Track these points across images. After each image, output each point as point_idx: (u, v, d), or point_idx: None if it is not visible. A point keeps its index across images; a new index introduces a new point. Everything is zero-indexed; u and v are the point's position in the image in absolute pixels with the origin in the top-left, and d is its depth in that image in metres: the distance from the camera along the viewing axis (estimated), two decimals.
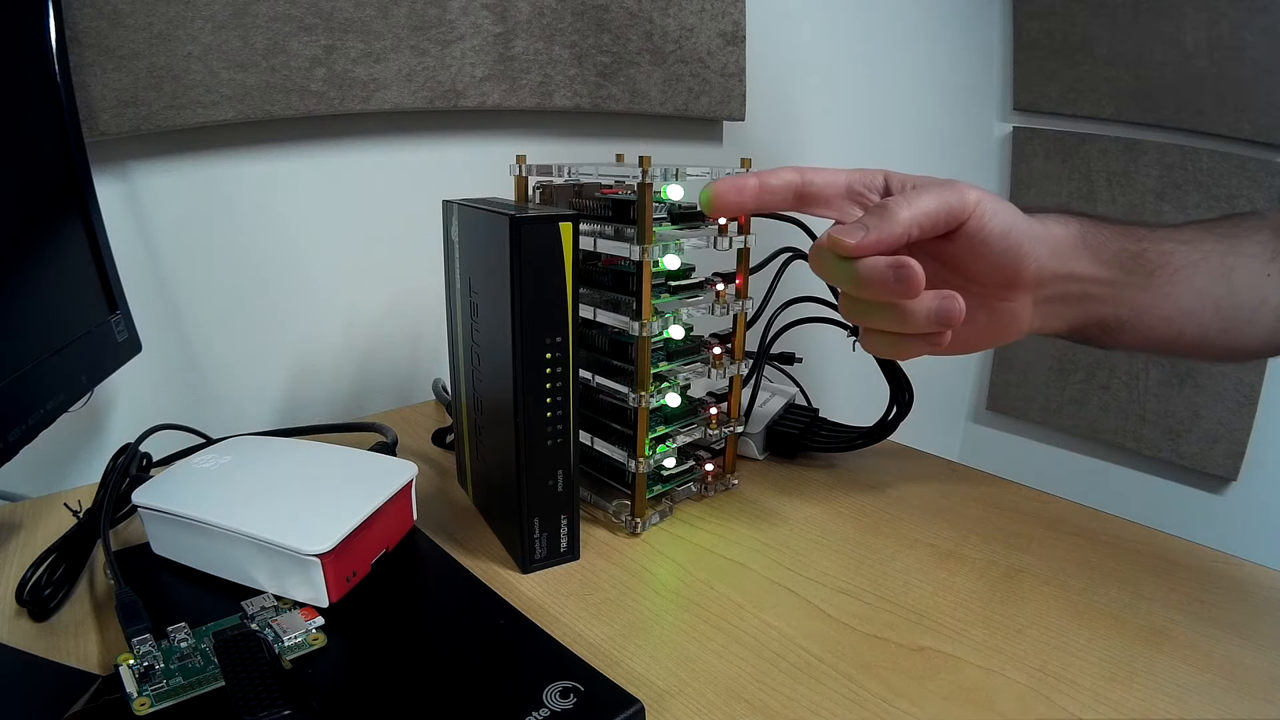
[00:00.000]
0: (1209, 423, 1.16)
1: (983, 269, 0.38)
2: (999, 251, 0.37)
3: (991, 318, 0.40)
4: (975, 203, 0.36)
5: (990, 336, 0.40)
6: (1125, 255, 0.40)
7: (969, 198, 0.36)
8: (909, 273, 0.33)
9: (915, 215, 0.35)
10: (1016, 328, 0.40)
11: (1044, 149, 1.28)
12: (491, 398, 0.42)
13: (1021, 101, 1.29)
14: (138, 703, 0.28)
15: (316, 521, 0.35)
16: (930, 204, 0.36)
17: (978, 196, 0.36)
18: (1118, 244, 0.40)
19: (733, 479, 0.51)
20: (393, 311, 0.72)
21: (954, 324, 0.34)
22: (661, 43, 0.81)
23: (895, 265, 0.34)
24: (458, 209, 0.44)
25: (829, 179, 0.39)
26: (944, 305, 0.34)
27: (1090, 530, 0.45)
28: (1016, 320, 0.40)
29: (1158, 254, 0.40)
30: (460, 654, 0.32)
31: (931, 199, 0.36)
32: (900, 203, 0.35)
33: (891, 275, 0.34)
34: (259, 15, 0.58)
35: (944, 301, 0.34)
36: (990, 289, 0.39)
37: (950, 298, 0.34)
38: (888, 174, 0.40)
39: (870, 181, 0.39)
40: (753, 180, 0.38)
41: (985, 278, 0.38)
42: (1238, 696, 0.31)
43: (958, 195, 0.36)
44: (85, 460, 0.58)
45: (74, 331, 0.44)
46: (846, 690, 0.32)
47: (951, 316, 0.34)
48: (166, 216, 0.60)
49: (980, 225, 0.36)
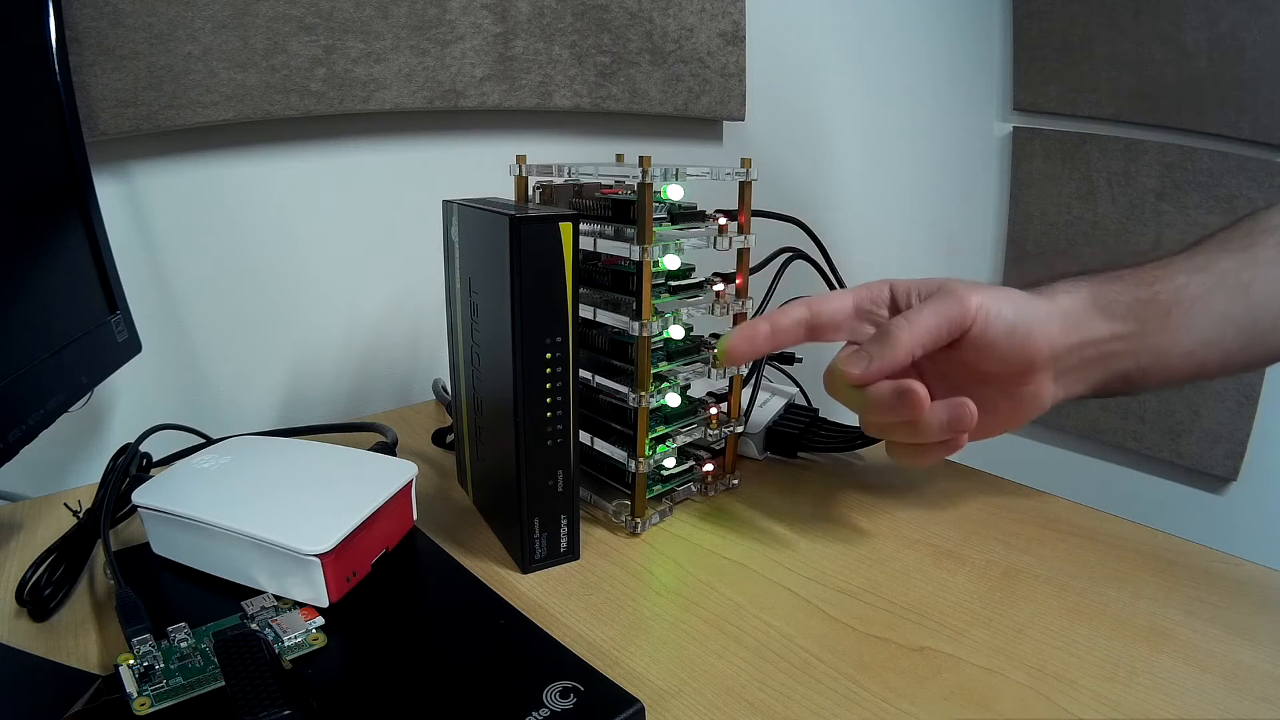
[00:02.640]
0: (1209, 423, 1.16)
1: (995, 364, 0.38)
2: (1007, 348, 0.38)
3: (1012, 404, 0.40)
4: (976, 309, 0.37)
5: (1014, 419, 0.41)
6: (1138, 305, 0.40)
7: (969, 306, 0.37)
8: (913, 397, 0.35)
9: (916, 337, 0.37)
10: (1039, 405, 0.40)
11: (1044, 149, 1.28)
12: (491, 398, 0.42)
13: (1021, 101, 1.29)
14: (138, 703, 0.28)
15: (316, 521, 0.35)
16: (929, 321, 0.37)
17: (978, 302, 0.37)
18: (1130, 295, 0.40)
19: (733, 479, 0.51)
20: (393, 311, 0.72)
21: (966, 428, 0.36)
22: (661, 43, 0.81)
23: (898, 390, 0.36)
24: (458, 209, 0.44)
25: (836, 306, 0.41)
26: (955, 414, 0.36)
27: (1090, 530, 0.45)
28: (1038, 399, 0.40)
29: (1171, 292, 0.40)
30: (460, 654, 0.32)
31: (931, 315, 0.37)
32: (901, 326, 0.37)
33: (896, 400, 0.36)
34: (259, 15, 0.58)
35: (954, 410, 0.36)
36: (1007, 379, 0.39)
37: (960, 405, 0.36)
38: (893, 285, 0.41)
39: (877, 296, 0.41)
40: (764, 326, 0.40)
41: (999, 370, 0.39)
42: (1238, 696, 0.31)
43: (958, 306, 0.37)
44: (85, 460, 0.58)
45: (74, 331, 0.44)
46: (846, 690, 0.32)
47: (963, 423, 0.36)
48: (166, 216, 0.60)
49: (984, 330, 0.37)
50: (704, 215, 0.44)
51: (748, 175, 0.45)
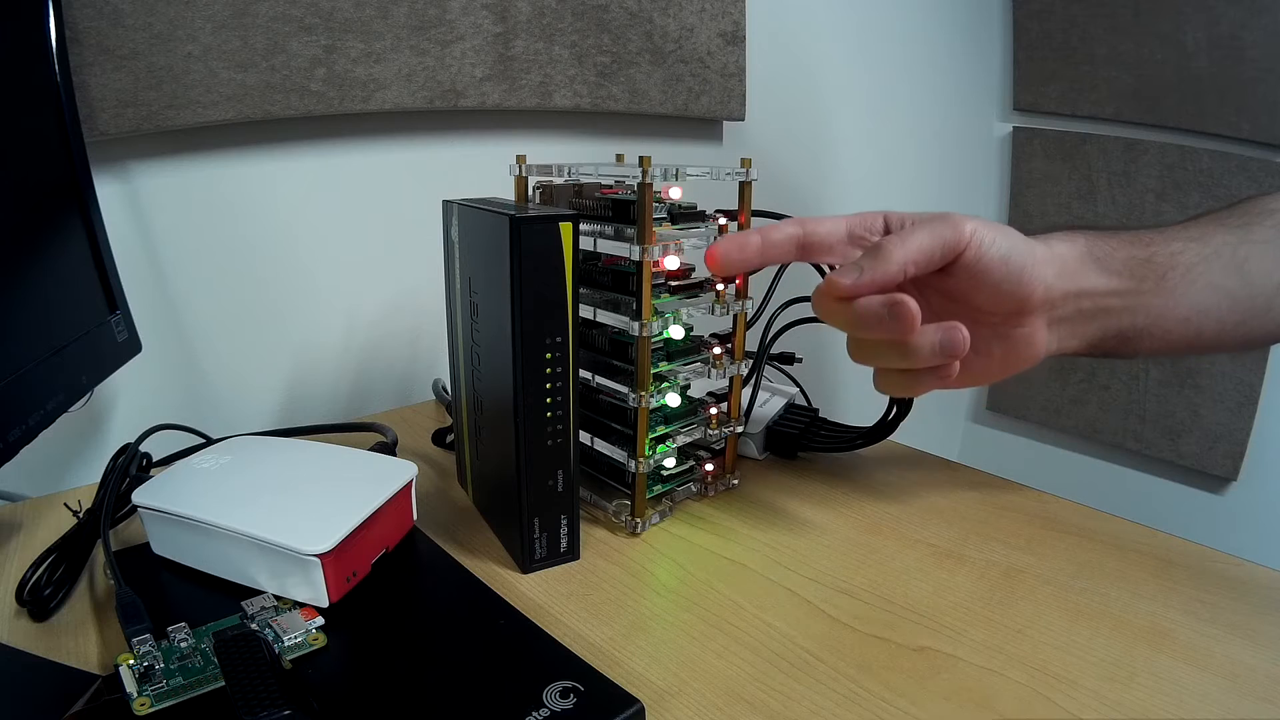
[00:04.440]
0: (1209, 423, 1.16)
1: (988, 298, 0.38)
2: (1001, 278, 0.37)
3: (1007, 346, 0.40)
4: (970, 233, 0.36)
5: (1007, 365, 0.40)
6: (1135, 262, 0.40)
7: (964, 229, 0.36)
8: (903, 309, 0.34)
9: (909, 253, 0.36)
10: (1033, 353, 0.40)
11: (1044, 149, 1.28)
12: (491, 398, 0.42)
13: (1021, 101, 1.29)
14: (138, 703, 0.28)
15: (316, 521, 0.35)
16: (924, 240, 0.36)
17: (973, 227, 0.36)
18: (1125, 252, 0.40)
19: (733, 479, 0.51)
20: (393, 311, 0.72)
21: (958, 354, 0.35)
22: (661, 43, 0.81)
23: (889, 303, 0.34)
24: (458, 209, 0.44)
25: (829, 228, 0.40)
26: (947, 336, 0.35)
27: (1090, 530, 0.45)
28: (1033, 345, 0.39)
29: (1167, 255, 0.40)
30: (460, 654, 0.32)
31: (925, 235, 0.36)
32: (894, 242, 0.36)
33: (886, 312, 0.34)
34: (259, 15, 0.58)
35: (947, 333, 0.35)
36: (1001, 317, 0.39)
37: (953, 328, 0.35)
38: (887, 215, 0.40)
39: (870, 224, 0.40)
40: (755, 237, 0.39)
41: (993, 306, 0.38)
42: (1238, 697, 0.31)
43: (952, 228, 0.36)
44: (85, 460, 0.58)
45: (74, 331, 0.44)
46: (846, 690, 0.32)
47: (955, 346, 0.35)
48: (166, 216, 0.60)
49: (978, 255, 0.37)
50: (704, 215, 0.44)
51: (748, 175, 0.45)
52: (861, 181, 1.12)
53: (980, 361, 0.39)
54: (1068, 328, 0.40)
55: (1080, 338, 0.40)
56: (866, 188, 1.13)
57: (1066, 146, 1.25)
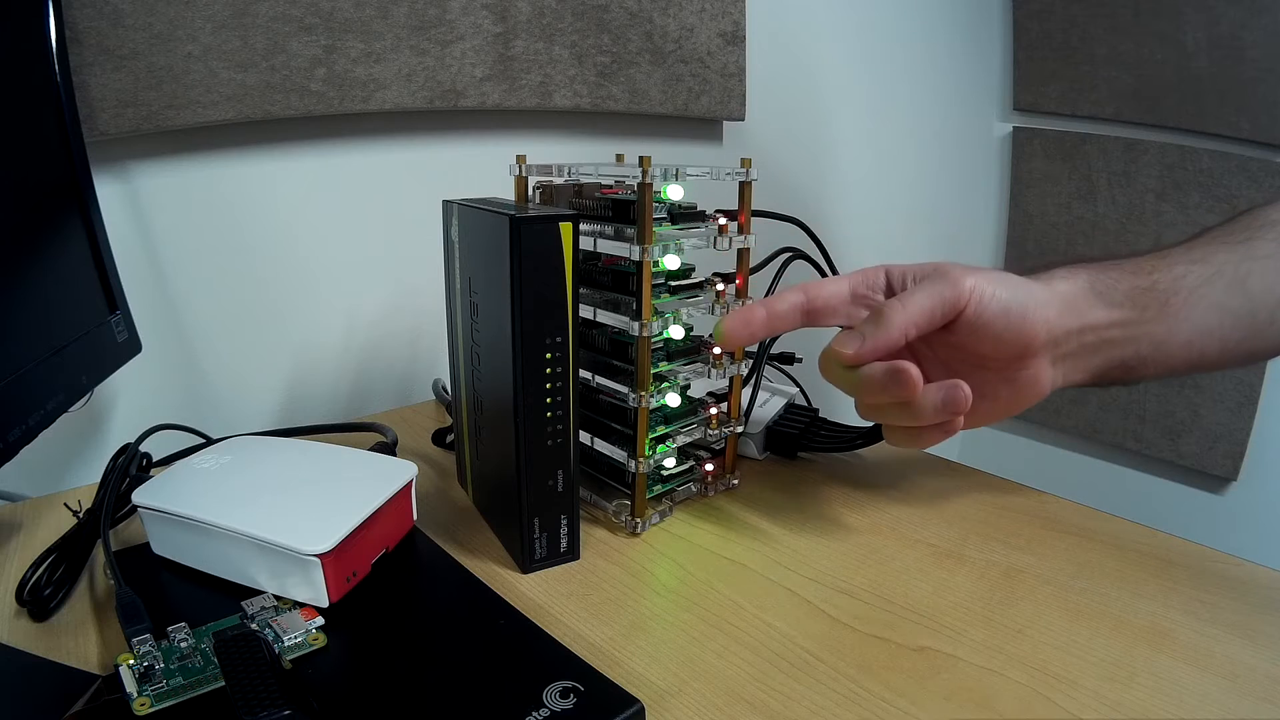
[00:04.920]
0: (1209, 423, 1.16)
1: (991, 347, 0.38)
2: (1003, 329, 0.37)
3: (1012, 389, 0.40)
4: (970, 290, 0.37)
5: (1013, 405, 0.41)
6: (1137, 292, 0.40)
7: (963, 287, 0.37)
8: (905, 376, 0.35)
9: (910, 317, 0.36)
10: (1038, 391, 0.40)
11: (1044, 149, 1.28)
12: (491, 398, 0.42)
13: (1021, 101, 1.29)
14: (138, 703, 0.28)
15: (316, 521, 0.35)
16: (924, 302, 0.37)
17: (972, 283, 0.37)
18: (1128, 283, 0.40)
19: (733, 479, 0.51)
20: (393, 311, 0.72)
21: (961, 410, 0.36)
22: (661, 43, 0.81)
23: (891, 371, 0.35)
24: (458, 209, 0.44)
25: (832, 291, 0.41)
26: (949, 395, 0.36)
27: (1090, 530, 0.45)
28: (1038, 384, 0.40)
29: (1169, 280, 0.40)
30: (460, 654, 0.32)
31: (925, 296, 0.37)
32: (895, 307, 0.37)
33: (888, 379, 0.36)
34: (259, 15, 0.58)
35: (949, 391, 0.36)
36: (1005, 363, 0.39)
37: (954, 387, 0.35)
38: (888, 270, 0.41)
39: (872, 282, 0.41)
40: (760, 311, 0.40)
41: (997, 354, 0.39)
42: (1238, 697, 0.31)
43: (952, 287, 0.37)
44: (85, 460, 0.58)
45: (74, 331, 0.44)
46: (846, 690, 0.32)
47: (957, 404, 0.35)
48: (166, 216, 0.60)
49: (979, 311, 0.37)
50: (704, 215, 0.44)
51: (748, 175, 0.45)
52: (861, 181, 1.12)
53: (986, 405, 0.40)
54: (1072, 362, 0.40)
55: (1085, 370, 0.41)
56: (866, 188, 1.13)
57: (1066, 146, 1.25)
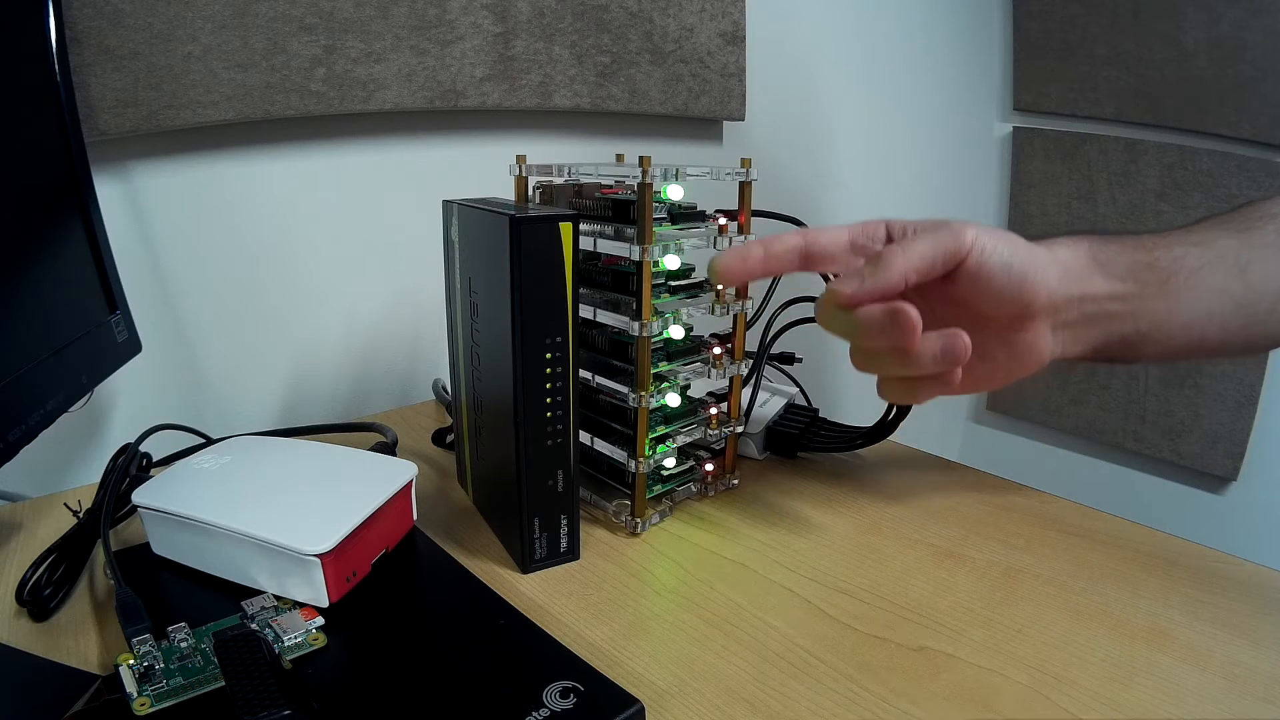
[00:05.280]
0: (1209, 423, 1.16)
1: (991, 304, 0.38)
2: (1003, 285, 0.37)
3: (1010, 352, 0.40)
4: (972, 240, 0.36)
5: (1011, 370, 0.40)
6: (1138, 266, 0.40)
7: (965, 237, 0.36)
8: (904, 317, 0.34)
9: (910, 261, 0.36)
10: (1037, 358, 0.40)
11: (1044, 149, 1.28)
12: (491, 398, 0.42)
13: (1021, 101, 1.29)
14: (138, 703, 0.28)
15: (316, 521, 0.35)
16: (925, 248, 0.36)
17: (974, 234, 0.37)
18: (1129, 257, 0.40)
19: (733, 479, 0.51)
20: (393, 311, 0.72)
21: (960, 360, 0.35)
22: (661, 43, 0.81)
23: (890, 311, 0.35)
24: (458, 209, 0.44)
25: (832, 237, 0.40)
26: (948, 343, 0.35)
27: (1090, 530, 0.45)
28: (1036, 350, 0.40)
29: (1170, 259, 0.40)
30: (460, 654, 0.32)
31: (926, 243, 0.36)
32: (895, 250, 0.36)
33: (887, 321, 0.35)
34: (259, 15, 0.58)
35: (948, 340, 0.35)
36: (1004, 323, 0.39)
37: (954, 335, 0.35)
38: (889, 223, 0.40)
39: (872, 233, 0.40)
40: (758, 249, 0.39)
41: (996, 312, 0.38)
42: (1238, 697, 0.31)
43: (953, 236, 0.36)
44: (85, 460, 0.58)
45: (74, 331, 0.44)
46: (846, 690, 0.32)
47: (957, 353, 0.35)
48: (166, 216, 0.60)
49: (980, 262, 0.37)
50: (704, 215, 0.44)
51: (748, 175, 0.45)
52: (861, 181, 1.12)
53: (984, 367, 0.39)
54: (1071, 332, 0.40)
55: (1084, 343, 0.41)
56: (866, 188, 1.14)
57: (1066, 146, 1.25)
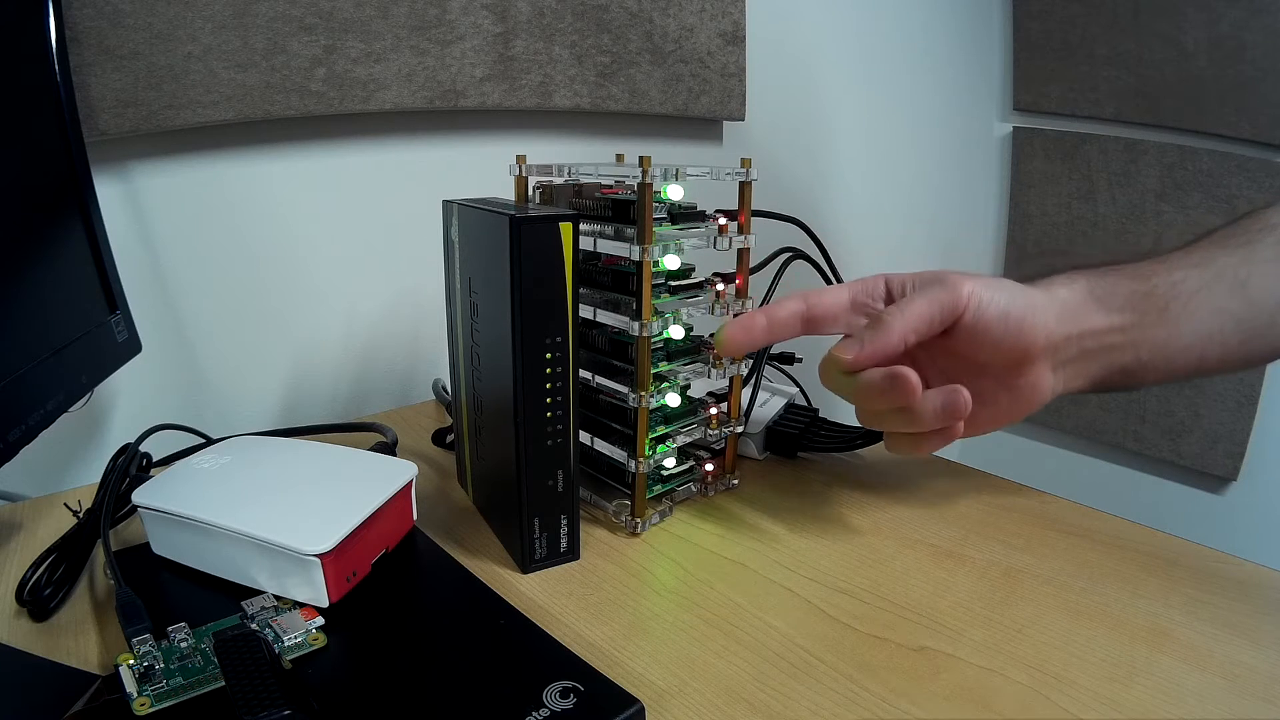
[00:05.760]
0: (1209, 423, 1.16)
1: (990, 354, 0.39)
2: (1000, 334, 0.38)
3: (1012, 395, 0.40)
4: (968, 295, 0.37)
5: (1014, 412, 0.41)
6: (1136, 297, 0.40)
7: (961, 292, 0.37)
8: (903, 380, 0.35)
9: (908, 323, 0.37)
10: (1039, 398, 0.40)
11: (1044, 149, 1.28)
12: (491, 398, 0.42)
13: (1021, 101, 1.29)
14: (138, 703, 0.28)
15: (316, 521, 0.35)
16: (922, 308, 0.37)
17: (970, 288, 0.37)
18: (1126, 288, 0.40)
19: (733, 479, 0.51)
20: (393, 311, 0.72)
21: (960, 416, 0.36)
22: (661, 43, 0.81)
23: (890, 375, 0.36)
24: (458, 209, 0.44)
25: (832, 299, 0.41)
26: (949, 400, 0.36)
27: (1090, 530, 0.45)
28: (1038, 391, 0.40)
29: (1168, 285, 0.40)
30: (460, 654, 0.32)
31: (923, 303, 0.37)
32: (893, 313, 0.37)
33: (887, 384, 0.36)
34: (259, 15, 0.58)
35: (948, 396, 0.36)
36: (1004, 369, 0.39)
37: (954, 392, 0.36)
38: (888, 279, 0.41)
39: (872, 290, 0.41)
40: (760, 319, 0.40)
41: (996, 360, 0.39)
42: (1238, 697, 0.31)
43: (950, 293, 0.37)
44: (85, 460, 0.58)
45: (74, 331, 0.44)
46: (846, 690, 0.32)
47: (957, 409, 0.36)
48: (166, 216, 0.60)
49: (977, 316, 0.37)
50: (704, 215, 0.44)
51: (748, 175, 0.45)
52: (861, 181, 1.12)
53: (986, 412, 0.40)
54: (1072, 369, 0.40)
55: (1085, 377, 0.41)
56: (866, 188, 1.14)
57: (1066, 146, 1.25)
